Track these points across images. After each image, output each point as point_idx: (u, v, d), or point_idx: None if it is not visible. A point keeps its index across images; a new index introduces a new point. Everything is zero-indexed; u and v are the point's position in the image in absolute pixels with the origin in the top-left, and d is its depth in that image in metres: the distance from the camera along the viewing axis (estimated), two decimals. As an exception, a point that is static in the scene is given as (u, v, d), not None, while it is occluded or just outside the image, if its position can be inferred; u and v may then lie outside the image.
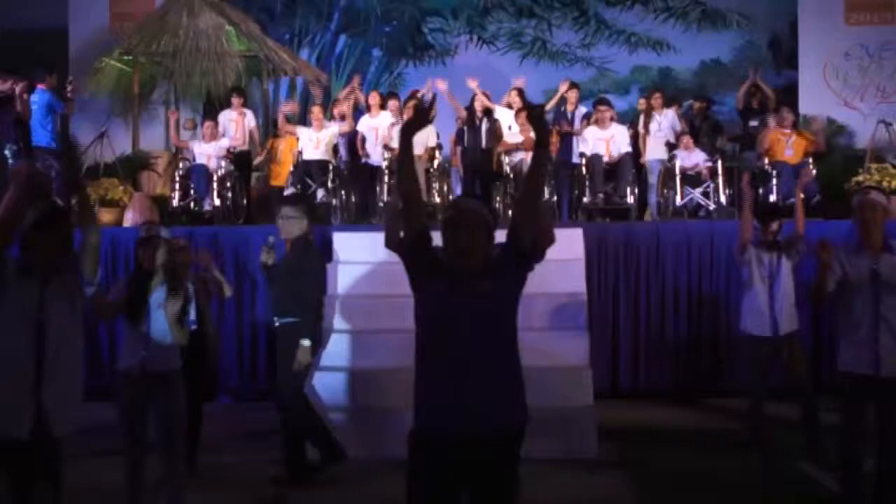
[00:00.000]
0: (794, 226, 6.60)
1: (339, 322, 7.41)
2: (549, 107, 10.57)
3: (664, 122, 10.74)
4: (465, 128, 10.40)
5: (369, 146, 10.44)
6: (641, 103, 11.43)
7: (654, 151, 10.57)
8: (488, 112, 10.26)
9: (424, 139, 10.02)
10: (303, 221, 6.01)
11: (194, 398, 5.72)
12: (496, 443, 3.19)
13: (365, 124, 10.57)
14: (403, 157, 3.37)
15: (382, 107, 10.77)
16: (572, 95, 10.92)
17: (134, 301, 4.81)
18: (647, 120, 10.80)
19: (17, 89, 9.52)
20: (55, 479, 3.62)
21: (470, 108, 10.34)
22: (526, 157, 9.87)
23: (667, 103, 10.94)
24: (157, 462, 4.89)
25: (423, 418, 3.24)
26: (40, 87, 9.85)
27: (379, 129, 10.43)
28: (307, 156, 10.25)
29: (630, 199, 9.81)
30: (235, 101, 11.11)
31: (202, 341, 5.87)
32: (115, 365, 4.82)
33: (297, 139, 10.51)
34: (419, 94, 10.83)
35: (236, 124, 10.94)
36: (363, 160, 10.46)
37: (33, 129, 9.77)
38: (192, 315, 5.00)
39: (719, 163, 10.05)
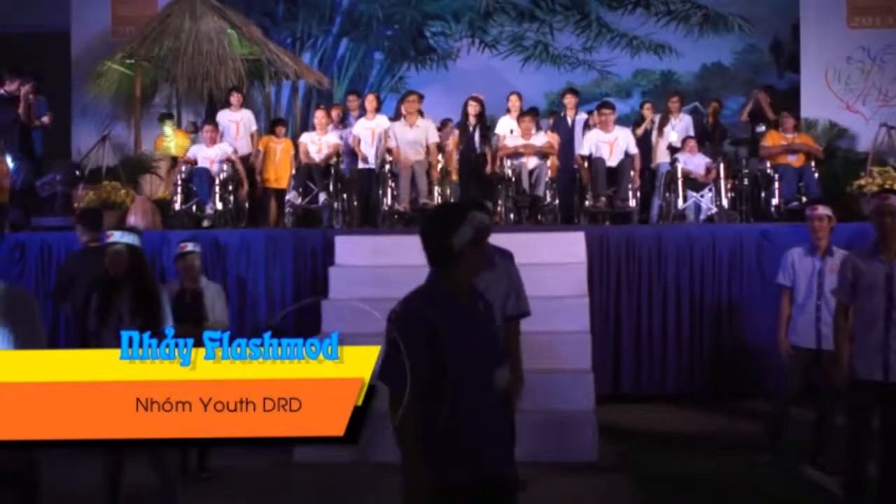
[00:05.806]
0: None
1: (340, 325, 7.35)
2: None
3: (679, 125, 10.73)
4: (459, 134, 10.40)
5: (365, 148, 10.41)
6: (647, 108, 11.43)
7: (665, 155, 10.59)
8: (481, 117, 10.24)
9: (422, 136, 9.82)
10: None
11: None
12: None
13: (361, 126, 10.54)
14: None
15: (378, 109, 10.75)
16: (570, 101, 10.87)
17: (101, 309, 4.80)
18: (662, 123, 10.79)
19: (23, 91, 9.44)
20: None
21: (464, 114, 10.34)
22: (527, 160, 9.87)
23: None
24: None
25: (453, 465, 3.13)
26: None
27: (375, 130, 10.39)
28: (309, 160, 10.23)
29: (632, 203, 9.79)
30: (234, 98, 11.08)
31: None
32: None
33: (294, 143, 10.52)
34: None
35: (236, 126, 10.92)
36: (360, 164, 10.43)
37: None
38: (170, 321, 4.86)
39: (721, 166, 10.04)
